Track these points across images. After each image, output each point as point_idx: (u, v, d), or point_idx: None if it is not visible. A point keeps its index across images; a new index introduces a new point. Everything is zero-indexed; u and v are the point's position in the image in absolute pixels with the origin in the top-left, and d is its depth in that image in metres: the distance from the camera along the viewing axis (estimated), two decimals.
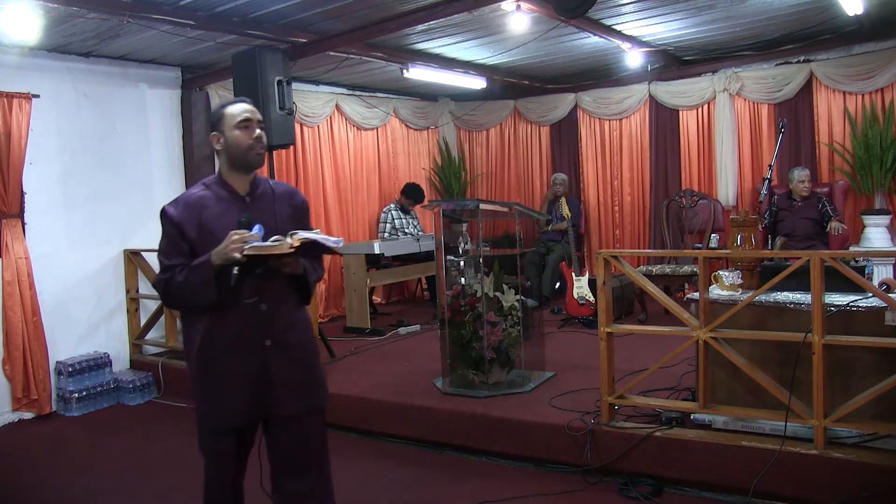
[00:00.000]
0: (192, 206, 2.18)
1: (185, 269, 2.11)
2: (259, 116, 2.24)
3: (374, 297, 7.01)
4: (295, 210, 2.33)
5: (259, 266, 2.09)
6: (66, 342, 5.14)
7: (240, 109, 2.21)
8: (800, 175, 5.70)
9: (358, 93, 7.38)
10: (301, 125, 6.66)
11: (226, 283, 2.06)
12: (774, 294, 3.13)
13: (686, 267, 5.78)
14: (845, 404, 2.87)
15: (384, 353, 5.31)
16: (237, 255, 2.02)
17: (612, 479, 3.26)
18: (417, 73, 6.10)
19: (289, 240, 2.03)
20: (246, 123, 2.19)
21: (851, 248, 5.55)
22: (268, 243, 2.03)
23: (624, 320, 5.85)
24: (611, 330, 3.35)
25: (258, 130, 2.20)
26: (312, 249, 2.15)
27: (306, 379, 2.28)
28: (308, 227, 2.27)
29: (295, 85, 5.34)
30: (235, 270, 2.03)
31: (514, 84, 7.46)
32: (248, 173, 2.24)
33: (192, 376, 2.27)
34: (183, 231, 2.15)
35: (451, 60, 6.38)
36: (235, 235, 2.04)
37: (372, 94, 7.55)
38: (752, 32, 5.89)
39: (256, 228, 2.10)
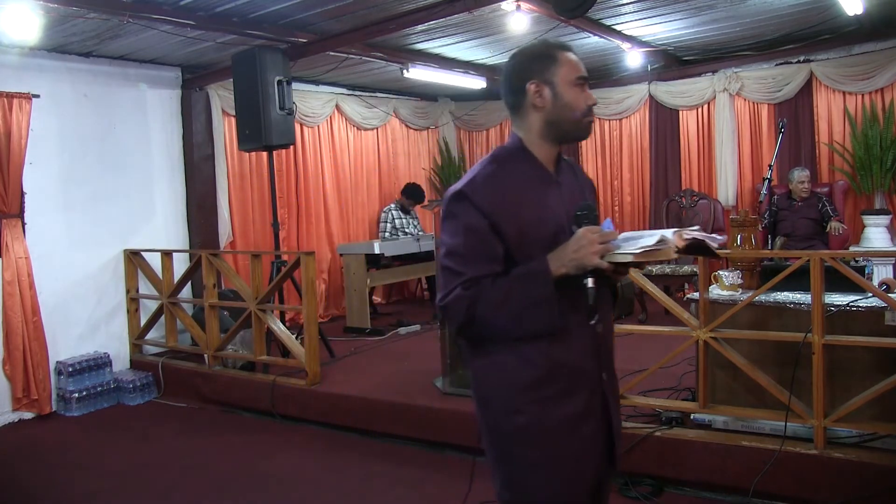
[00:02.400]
0: (505, 190, 1.53)
1: (502, 281, 1.48)
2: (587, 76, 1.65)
3: (374, 297, 7.01)
4: (590, 189, 1.77)
5: (593, 274, 1.49)
6: (66, 342, 5.14)
7: (577, 61, 1.61)
8: (800, 175, 5.71)
9: (358, 93, 7.38)
10: (301, 125, 6.66)
11: (564, 300, 1.48)
12: (774, 294, 3.13)
13: (686, 267, 5.78)
14: (845, 404, 2.87)
15: (384, 353, 5.31)
16: (600, 262, 1.44)
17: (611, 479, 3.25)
18: (417, 73, 6.10)
19: (672, 239, 1.48)
20: (583, 81, 1.61)
21: (851, 248, 5.55)
22: (651, 246, 1.45)
23: (624, 320, 5.85)
24: None
25: (591, 95, 1.63)
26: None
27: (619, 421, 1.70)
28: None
29: (295, 85, 5.34)
30: (591, 283, 1.47)
31: None
32: (560, 145, 1.65)
33: (510, 430, 1.56)
34: (498, 226, 1.50)
35: (451, 60, 6.38)
36: (593, 234, 1.45)
37: (372, 94, 7.55)
38: (752, 32, 5.89)
39: (607, 223, 1.51)
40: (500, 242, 1.50)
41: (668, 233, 1.49)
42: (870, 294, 2.93)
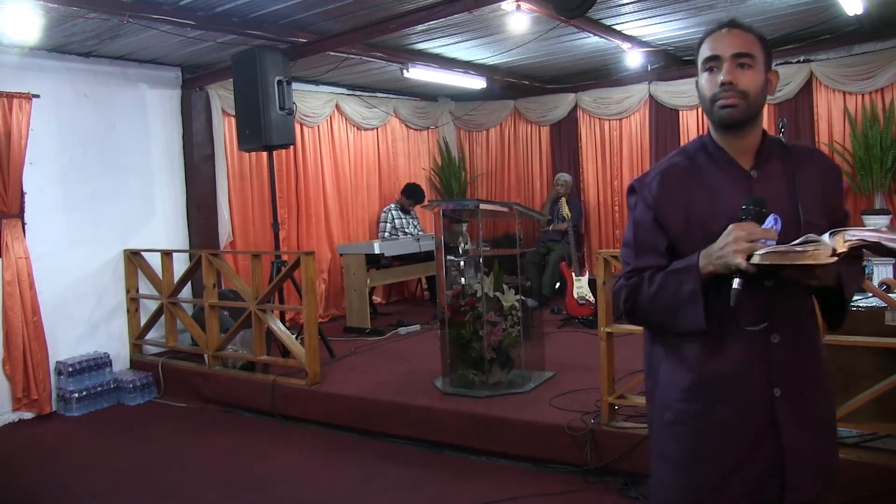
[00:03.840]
0: (676, 180, 1.52)
1: (659, 274, 1.47)
2: (737, 49, 1.48)
3: (374, 297, 7.01)
4: (826, 185, 1.52)
5: (771, 277, 1.40)
6: (66, 342, 5.13)
7: (710, 42, 1.52)
8: None
9: (358, 93, 7.38)
10: (301, 125, 6.66)
11: (719, 301, 1.40)
12: None
13: None
14: (845, 404, 2.87)
15: (384, 353, 5.31)
16: (741, 261, 1.33)
17: (612, 479, 3.25)
18: (417, 73, 6.10)
19: (829, 241, 1.33)
20: (712, 63, 1.50)
21: None
22: (795, 247, 1.32)
23: (624, 320, 5.84)
24: (611, 330, 3.35)
25: (724, 73, 1.47)
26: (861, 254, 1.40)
27: (827, 453, 1.50)
28: (841, 208, 1.53)
29: (295, 85, 5.34)
30: (737, 284, 1.36)
31: (514, 84, 7.45)
32: (737, 134, 1.51)
33: (659, 424, 1.56)
34: (662, 217, 1.50)
35: (451, 60, 6.38)
36: (740, 230, 1.34)
37: (372, 94, 7.55)
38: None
39: (771, 220, 1.42)
40: (664, 235, 1.50)
41: (826, 234, 1.35)
42: (870, 294, 2.93)
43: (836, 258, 1.30)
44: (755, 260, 1.34)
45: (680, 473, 1.50)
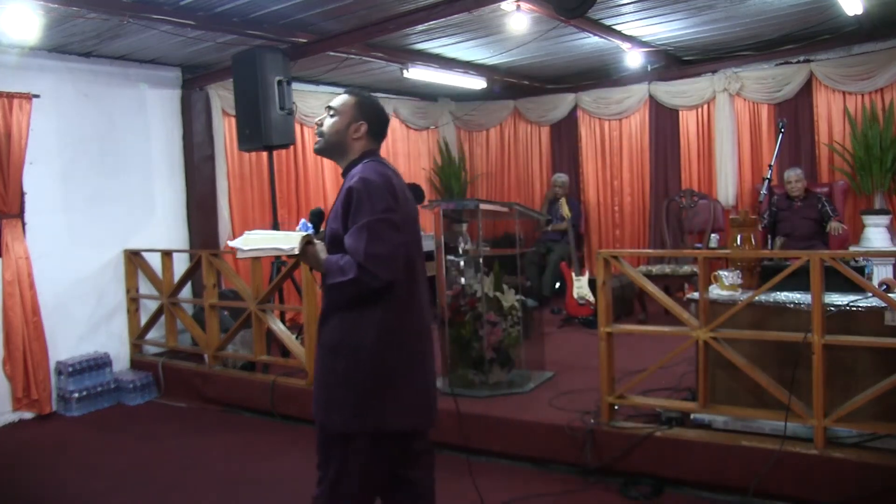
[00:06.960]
0: None
1: None
2: (328, 103, 2.26)
3: None
4: (341, 202, 2.08)
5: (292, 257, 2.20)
6: (66, 342, 5.13)
7: None
8: (788, 176, 5.70)
9: None
10: (301, 125, 6.66)
11: None
12: (774, 294, 3.13)
13: (686, 267, 5.78)
14: (845, 404, 2.87)
15: None
16: None
17: (612, 479, 3.26)
18: (417, 73, 6.10)
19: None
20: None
21: (851, 248, 5.54)
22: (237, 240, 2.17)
23: (624, 320, 5.85)
24: (611, 330, 3.35)
25: (316, 123, 2.26)
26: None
27: (316, 385, 2.17)
28: (350, 221, 2.03)
29: (295, 85, 5.34)
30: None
31: (514, 84, 7.45)
32: (337, 162, 2.25)
33: None
34: None
35: (451, 60, 6.38)
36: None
37: (372, 94, 7.53)
38: (752, 32, 5.89)
39: (300, 224, 2.20)
40: None
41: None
42: (870, 294, 2.93)
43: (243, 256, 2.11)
44: None
45: None
